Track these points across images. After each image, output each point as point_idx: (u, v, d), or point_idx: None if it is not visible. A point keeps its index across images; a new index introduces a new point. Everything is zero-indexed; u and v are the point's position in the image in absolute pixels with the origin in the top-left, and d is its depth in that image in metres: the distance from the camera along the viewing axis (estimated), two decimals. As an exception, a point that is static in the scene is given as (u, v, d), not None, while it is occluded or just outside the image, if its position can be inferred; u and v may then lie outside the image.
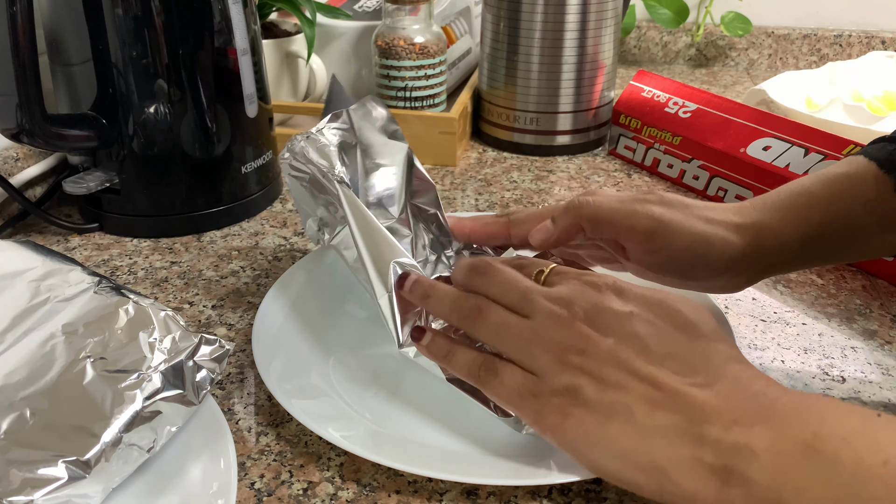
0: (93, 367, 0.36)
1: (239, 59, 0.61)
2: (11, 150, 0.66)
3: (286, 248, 0.62)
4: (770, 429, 0.31)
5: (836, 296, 0.55)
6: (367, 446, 0.38)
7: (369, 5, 0.89)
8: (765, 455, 0.30)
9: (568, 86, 0.78)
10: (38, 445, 0.33)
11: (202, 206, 0.63)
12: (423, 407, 0.43)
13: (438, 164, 0.78)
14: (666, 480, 0.32)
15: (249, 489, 0.38)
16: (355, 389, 0.44)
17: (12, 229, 0.64)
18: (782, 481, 0.29)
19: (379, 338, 0.49)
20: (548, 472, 0.37)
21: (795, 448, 0.30)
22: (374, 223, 0.46)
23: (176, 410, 0.37)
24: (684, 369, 0.34)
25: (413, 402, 0.44)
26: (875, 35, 1.10)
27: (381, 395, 0.44)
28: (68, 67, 0.59)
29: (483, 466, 0.38)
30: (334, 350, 0.48)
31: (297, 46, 0.82)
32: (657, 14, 1.09)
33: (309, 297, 0.52)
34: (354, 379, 0.45)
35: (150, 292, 0.55)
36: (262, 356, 0.44)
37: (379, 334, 0.50)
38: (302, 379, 0.44)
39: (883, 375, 0.47)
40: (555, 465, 0.37)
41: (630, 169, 0.78)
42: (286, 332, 0.48)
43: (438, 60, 0.79)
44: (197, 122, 0.60)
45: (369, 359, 0.48)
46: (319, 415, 0.41)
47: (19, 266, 0.42)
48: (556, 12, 0.75)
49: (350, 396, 0.44)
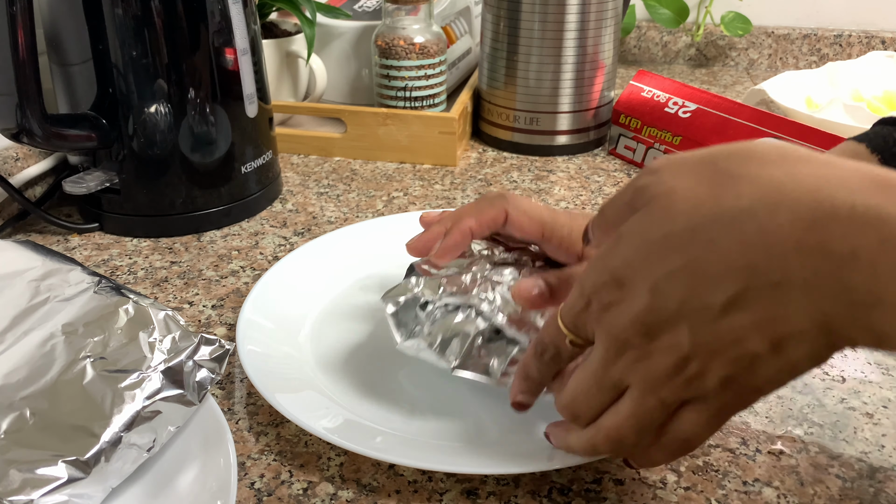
0: (93, 366, 0.36)
1: (239, 59, 0.61)
2: (11, 150, 0.66)
3: (286, 247, 0.62)
4: None
5: (836, 296, 0.55)
6: (359, 440, 0.38)
7: (369, 5, 0.89)
8: None
9: (568, 86, 0.78)
10: (38, 445, 0.33)
11: (202, 206, 0.63)
12: (421, 403, 0.43)
13: (438, 164, 0.78)
14: None
15: (249, 489, 0.38)
16: (350, 386, 0.44)
17: (12, 229, 0.64)
18: None
19: (377, 337, 0.50)
20: (549, 462, 0.37)
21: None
22: None
23: (176, 410, 0.37)
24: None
25: (410, 398, 0.44)
26: (875, 35, 1.10)
27: (377, 390, 0.44)
28: (68, 67, 0.59)
29: (481, 459, 0.38)
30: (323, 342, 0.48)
31: (297, 46, 0.83)
32: (657, 14, 1.09)
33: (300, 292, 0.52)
34: (345, 373, 0.45)
35: (150, 292, 0.55)
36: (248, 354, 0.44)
37: (377, 332, 0.50)
38: (290, 374, 0.45)
39: (883, 375, 0.47)
40: (555, 458, 0.38)
41: (630, 169, 0.78)
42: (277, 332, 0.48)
43: (438, 60, 0.79)
44: (197, 121, 0.60)
45: (361, 352, 0.48)
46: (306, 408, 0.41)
47: (19, 266, 0.42)
48: (556, 12, 0.74)
49: (343, 392, 0.44)
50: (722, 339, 0.28)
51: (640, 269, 0.29)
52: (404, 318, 0.43)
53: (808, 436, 0.42)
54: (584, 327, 0.32)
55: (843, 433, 0.42)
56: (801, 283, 0.26)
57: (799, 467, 0.40)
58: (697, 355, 0.28)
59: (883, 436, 0.42)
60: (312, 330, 0.50)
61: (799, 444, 0.42)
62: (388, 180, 0.74)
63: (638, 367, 0.30)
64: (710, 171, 0.28)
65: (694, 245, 0.28)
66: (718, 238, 0.27)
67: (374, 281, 0.55)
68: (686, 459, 0.40)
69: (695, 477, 0.39)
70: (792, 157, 0.28)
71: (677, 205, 0.28)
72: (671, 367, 0.29)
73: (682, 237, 0.28)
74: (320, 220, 0.66)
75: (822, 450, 0.41)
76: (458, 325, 0.41)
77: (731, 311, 0.27)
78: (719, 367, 0.28)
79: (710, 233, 0.27)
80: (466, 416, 0.43)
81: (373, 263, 0.56)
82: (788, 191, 0.26)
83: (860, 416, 0.44)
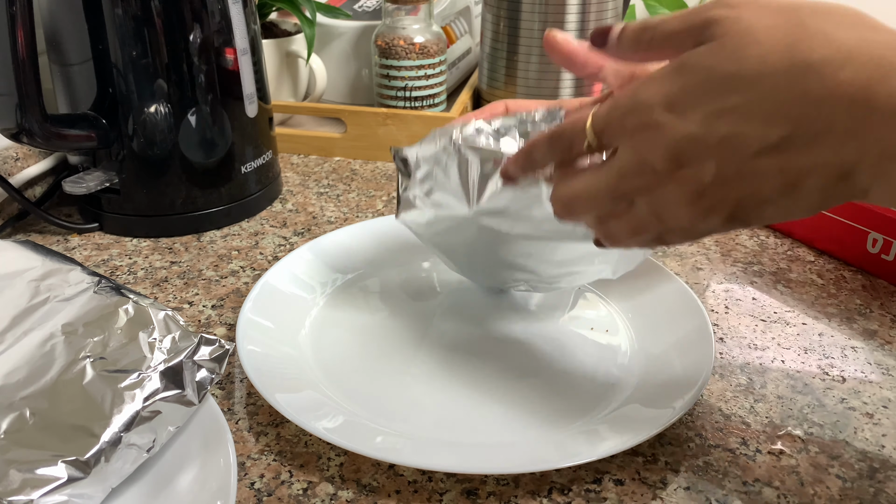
0: (92, 366, 0.36)
1: (239, 58, 0.61)
2: (11, 150, 0.66)
3: (286, 247, 0.62)
4: None
5: (836, 296, 0.55)
6: (359, 440, 0.38)
7: (369, 5, 0.89)
8: None
9: (568, 86, 0.78)
10: (38, 445, 0.33)
11: (202, 205, 0.63)
12: (421, 403, 0.43)
13: (438, 164, 0.78)
14: None
15: (249, 489, 0.38)
16: (350, 386, 0.44)
17: (12, 229, 0.64)
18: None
19: (377, 336, 0.50)
20: (549, 462, 0.37)
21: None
22: None
23: (176, 410, 0.37)
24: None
25: (410, 397, 0.44)
26: (875, 35, 1.10)
27: (377, 390, 0.44)
28: (68, 67, 0.59)
29: (481, 459, 0.38)
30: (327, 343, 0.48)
31: (297, 46, 0.82)
32: (657, 14, 1.09)
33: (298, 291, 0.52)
34: (345, 373, 0.45)
35: (149, 292, 0.55)
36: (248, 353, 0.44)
37: (377, 332, 0.50)
38: (289, 374, 0.45)
39: (883, 375, 0.47)
40: (556, 456, 0.38)
41: (630, 169, 0.78)
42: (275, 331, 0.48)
43: (438, 60, 0.79)
44: (197, 121, 0.60)
45: (368, 353, 0.48)
46: (306, 408, 0.41)
47: (19, 266, 0.42)
48: (556, 12, 0.74)
49: (343, 392, 0.44)
50: (744, 178, 0.30)
51: (697, 100, 0.30)
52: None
53: (808, 436, 0.42)
54: (612, 136, 0.33)
55: (843, 433, 0.42)
56: (842, 132, 0.28)
57: (799, 467, 0.40)
58: (713, 192, 0.31)
59: (883, 436, 0.42)
60: (312, 330, 0.50)
61: (799, 444, 0.42)
62: (388, 180, 0.74)
63: (653, 190, 0.32)
64: (790, 21, 0.29)
65: (756, 89, 0.29)
66: (781, 87, 0.28)
67: (374, 281, 0.55)
68: (686, 460, 0.40)
69: (695, 477, 0.39)
70: (866, 23, 0.29)
71: (751, 47, 0.29)
72: (682, 197, 0.31)
73: (747, 80, 0.29)
74: (320, 220, 0.66)
75: (822, 450, 0.41)
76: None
77: (765, 153, 0.29)
78: (728, 206, 0.31)
79: (775, 80, 0.29)
80: (466, 416, 0.43)
81: (373, 263, 0.56)
82: (856, 53, 0.28)
83: (860, 416, 0.44)
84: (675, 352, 0.46)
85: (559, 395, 0.44)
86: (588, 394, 0.44)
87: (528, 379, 0.46)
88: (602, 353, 0.48)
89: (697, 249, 0.61)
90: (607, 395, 0.44)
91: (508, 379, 0.45)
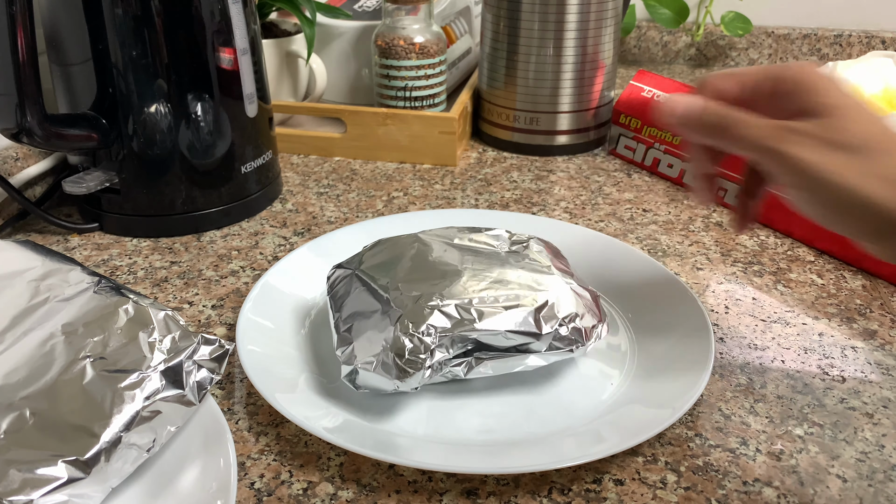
0: (92, 366, 0.36)
1: (239, 58, 0.61)
2: (11, 150, 0.66)
3: (286, 247, 0.62)
4: None
5: (836, 296, 0.55)
6: (359, 440, 0.38)
7: (369, 5, 0.89)
8: None
9: (568, 86, 0.78)
10: (38, 445, 0.33)
11: (202, 205, 0.63)
12: (421, 403, 0.43)
13: (438, 164, 0.78)
14: None
15: (249, 489, 0.38)
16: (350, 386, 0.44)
17: (12, 229, 0.64)
18: None
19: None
20: (549, 462, 0.37)
21: None
22: None
23: (176, 410, 0.37)
24: None
25: (410, 397, 0.44)
26: (875, 35, 1.10)
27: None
28: (68, 67, 0.59)
29: (481, 459, 0.38)
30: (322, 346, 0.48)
31: (297, 46, 0.82)
32: (657, 14, 1.09)
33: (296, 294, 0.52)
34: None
35: (149, 292, 0.55)
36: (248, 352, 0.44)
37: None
38: (289, 374, 0.44)
39: (883, 375, 0.47)
40: (556, 456, 0.38)
41: (630, 169, 0.78)
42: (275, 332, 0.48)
43: (438, 60, 0.79)
44: (197, 121, 0.60)
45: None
46: (306, 408, 0.41)
47: (19, 266, 0.42)
48: (556, 12, 0.74)
49: (343, 392, 0.44)
50: None
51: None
52: None
53: (808, 436, 0.42)
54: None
55: (843, 433, 0.42)
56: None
57: (799, 467, 0.40)
58: None
59: (883, 436, 0.42)
60: (312, 330, 0.50)
61: (799, 444, 0.42)
62: (388, 180, 0.74)
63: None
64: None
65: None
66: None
67: (374, 281, 0.55)
68: (686, 460, 0.40)
69: (695, 477, 0.39)
70: None
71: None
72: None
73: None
74: (320, 220, 0.66)
75: (822, 450, 0.41)
76: None
77: None
78: None
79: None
80: (466, 416, 0.43)
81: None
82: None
83: (860, 416, 0.44)
84: (675, 352, 0.46)
85: (559, 396, 0.44)
86: (588, 394, 0.44)
87: (527, 379, 0.46)
88: (602, 353, 0.48)
89: (697, 249, 0.61)
90: (607, 396, 0.44)
91: (508, 379, 0.45)
